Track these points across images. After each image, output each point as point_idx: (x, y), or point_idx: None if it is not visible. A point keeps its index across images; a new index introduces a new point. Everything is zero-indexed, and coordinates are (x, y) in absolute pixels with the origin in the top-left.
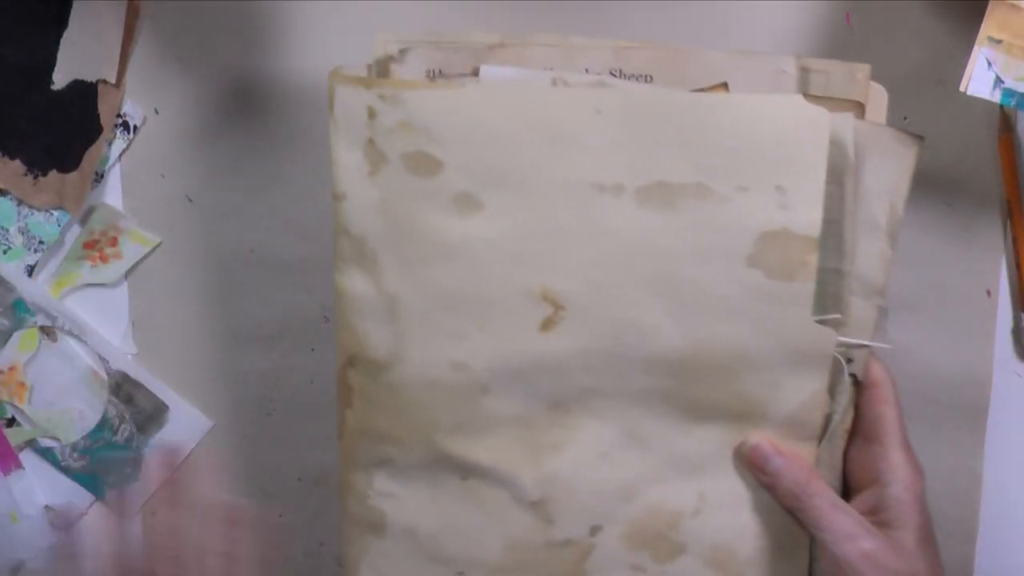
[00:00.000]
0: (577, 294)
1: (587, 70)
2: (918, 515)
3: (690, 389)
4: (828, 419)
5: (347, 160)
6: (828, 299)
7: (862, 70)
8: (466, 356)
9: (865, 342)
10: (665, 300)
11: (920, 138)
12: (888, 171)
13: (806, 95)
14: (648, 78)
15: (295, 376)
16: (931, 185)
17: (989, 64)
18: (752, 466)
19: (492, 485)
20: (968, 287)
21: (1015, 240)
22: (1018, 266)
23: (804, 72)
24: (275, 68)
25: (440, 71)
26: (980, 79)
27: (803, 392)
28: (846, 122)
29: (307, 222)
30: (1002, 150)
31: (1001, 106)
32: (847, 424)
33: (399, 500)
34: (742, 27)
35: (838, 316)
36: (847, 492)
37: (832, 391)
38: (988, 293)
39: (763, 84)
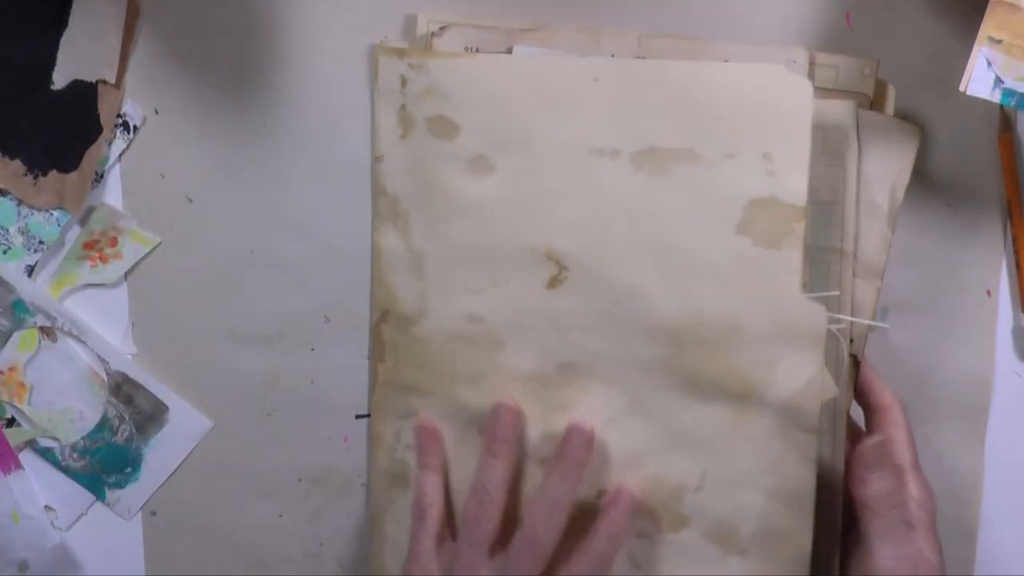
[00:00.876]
0: (578, 254)
1: (612, 55)
2: (932, 535)
3: (689, 361)
4: (834, 402)
5: (384, 124)
6: (830, 279)
7: (869, 65)
8: (482, 310)
9: (865, 321)
10: (659, 265)
11: (920, 127)
12: (890, 157)
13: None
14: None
15: (295, 376)
16: (931, 185)
17: (989, 64)
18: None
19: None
20: (968, 287)
21: (1015, 240)
22: (1018, 266)
23: (814, 65)
24: (275, 68)
25: (477, 49)
26: (980, 79)
27: (800, 376)
28: (848, 108)
29: (307, 222)
30: (1002, 150)
31: (1001, 106)
32: (847, 403)
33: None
34: (742, 27)
35: (836, 293)
36: (860, 513)
37: (833, 371)
38: (988, 293)
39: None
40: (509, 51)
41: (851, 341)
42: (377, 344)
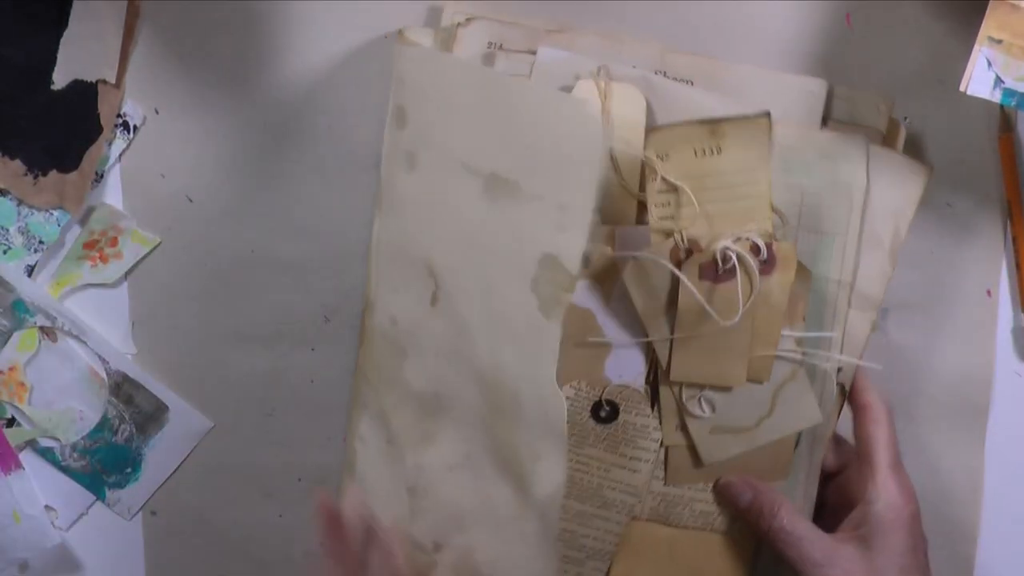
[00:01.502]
0: (445, 274)
1: (634, 66)
2: (900, 537)
3: (494, 424)
4: (814, 428)
5: (391, 111)
6: (825, 308)
7: (885, 103)
8: (396, 311)
9: (855, 360)
10: (485, 305)
11: (930, 167)
12: (896, 194)
13: (831, 120)
14: (689, 82)
15: (295, 376)
16: (931, 185)
17: (989, 64)
18: (727, 500)
19: (395, 457)
20: (968, 287)
21: (1015, 240)
22: (1018, 266)
23: (831, 97)
24: (275, 68)
25: (501, 45)
26: (980, 79)
27: (552, 481)
28: (859, 143)
29: (307, 222)
30: (1002, 150)
31: (1001, 106)
32: (830, 432)
33: (367, 447)
34: (742, 27)
35: (831, 335)
36: (844, 511)
37: (819, 398)
38: (988, 293)
39: (790, 103)
40: (532, 52)
41: (839, 370)
42: (361, 331)
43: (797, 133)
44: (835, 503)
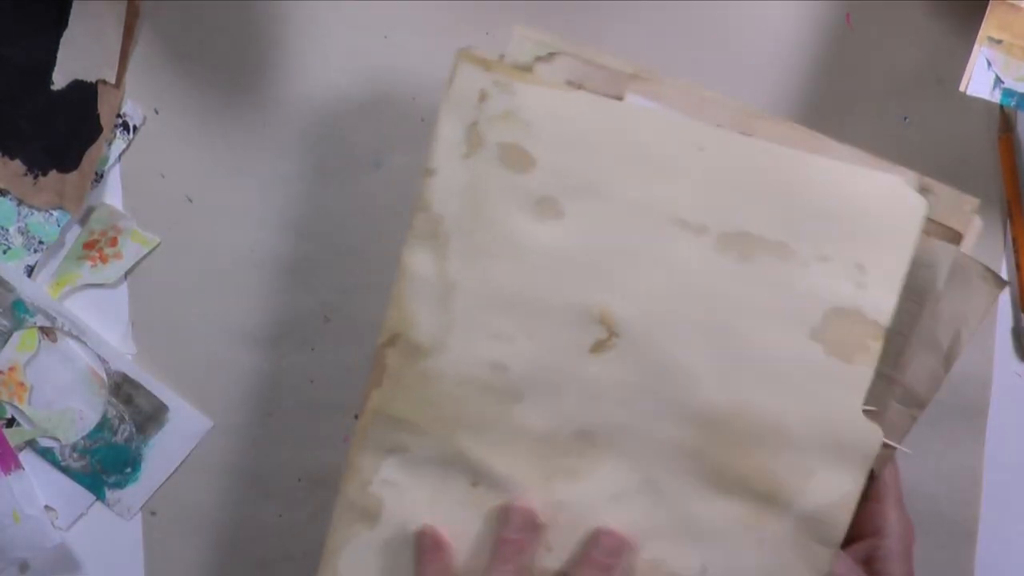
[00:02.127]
0: (634, 323)
1: (719, 125)
2: (907, 568)
3: (719, 452)
4: None
5: (449, 137)
6: (870, 398)
7: (971, 203)
8: (507, 359)
9: (891, 443)
10: (718, 351)
11: (1004, 282)
12: (965, 303)
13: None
14: None
15: (295, 376)
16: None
17: (989, 64)
18: None
19: (500, 496)
20: None
21: (1015, 240)
22: (1018, 266)
23: (923, 191)
24: (275, 68)
25: (581, 85)
26: (980, 79)
27: (835, 491)
28: (947, 252)
29: (307, 222)
30: (1002, 150)
31: (1001, 106)
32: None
33: (400, 491)
34: (742, 27)
35: (873, 408)
36: (843, 541)
37: None
38: None
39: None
40: (619, 97)
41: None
42: (377, 367)
43: None
44: None
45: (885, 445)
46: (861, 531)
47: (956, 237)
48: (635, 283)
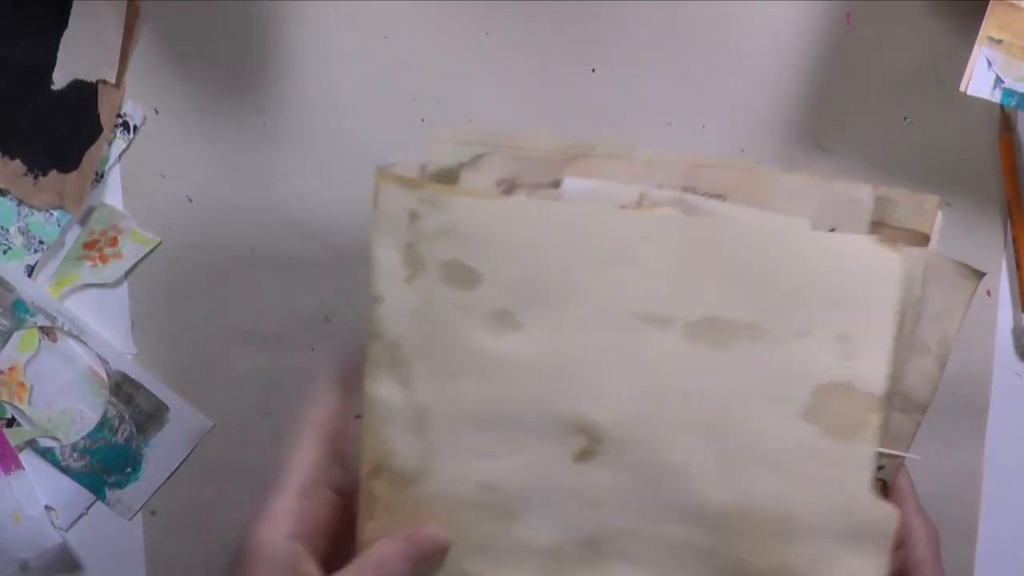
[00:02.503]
0: (615, 428)
1: (661, 185)
2: (938, 570)
3: (731, 550)
4: None
5: (386, 262)
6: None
7: (931, 201)
8: (496, 478)
9: (900, 453)
10: (710, 445)
11: (981, 273)
12: (944, 300)
13: (880, 236)
14: (721, 197)
15: (295, 376)
16: (931, 185)
17: (989, 64)
18: None
19: None
20: None
21: (1015, 240)
22: (1018, 266)
23: (880, 201)
24: (275, 68)
25: (515, 182)
26: (980, 79)
27: (864, 572)
28: (918, 260)
29: (307, 222)
30: (1002, 150)
31: (1001, 106)
32: None
33: None
34: (742, 27)
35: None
36: None
37: None
38: (988, 293)
39: (838, 213)
40: (555, 184)
41: (881, 467)
42: (367, 500)
43: None
44: None
45: (893, 456)
46: None
47: (923, 240)
48: (607, 387)
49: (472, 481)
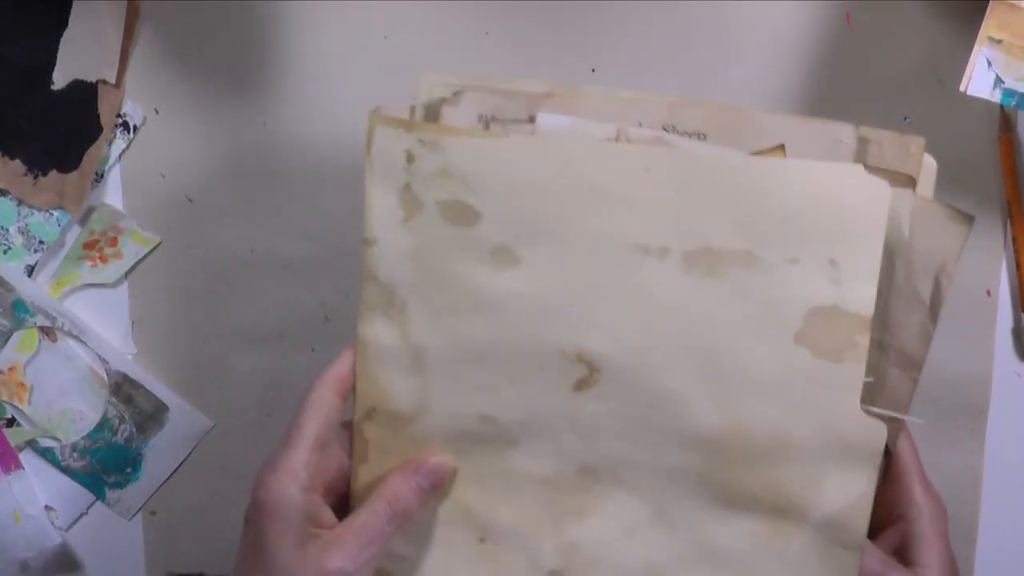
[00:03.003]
0: (613, 358)
1: (640, 124)
2: (944, 551)
3: (726, 473)
4: None
5: (381, 204)
6: (867, 370)
7: (916, 143)
8: (495, 410)
9: (900, 415)
10: (705, 372)
11: (971, 217)
12: (937, 248)
13: (866, 166)
14: (702, 136)
15: (295, 376)
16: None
17: (989, 64)
18: None
19: (510, 548)
20: (968, 287)
21: (1015, 240)
22: (1018, 266)
23: (862, 142)
24: (275, 68)
25: (493, 116)
26: (980, 79)
27: (849, 493)
28: (904, 199)
29: (307, 222)
30: (1002, 150)
31: (1001, 106)
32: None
33: (411, 564)
34: (742, 27)
35: (870, 379)
36: (870, 531)
37: None
38: (988, 293)
39: (819, 152)
40: (531, 119)
41: None
42: (359, 444)
43: None
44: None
45: (892, 418)
46: (888, 516)
47: (909, 181)
48: (606, 317)
49: (471, 415)
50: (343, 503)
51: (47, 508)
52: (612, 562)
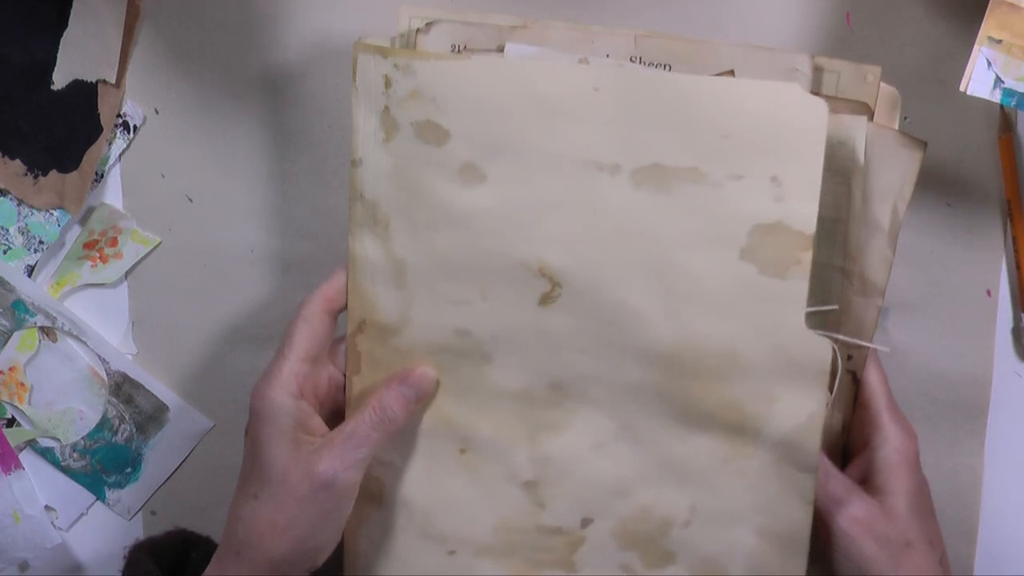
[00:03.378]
0: (573, 272)
1: (608, 55)
2: (909, 479)
3: (683, 389)
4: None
5: (365, 127)
6: (831, 297)
7: (872, 72)
8: (469, 324)
9: (864, 343)
10: (657, 287)
11: (924, 143)
12: (893, 174)
13: (820, 94)
14: (667, 67)
15: None
16: (931, 185)
17: (989, 64)
18: None
19: (488, 459)
20: (968, 287)
21: (1015, 240)
22: (1018, 266)
23: (818, 71)
24: (275, 68)
25: (465, 46)
26: (980, 79)
27: (800, 413)
28: (859, 124)
29: (307, 222)
30: (1002, 150)
31: (1001, 106)
32: (841, 421)
33: (397, 470)
34: (742, 27)
35: (835, 307)
36: (843, 458)
37: (831, 388)
38: (988, 293)
39: (776, 79)
40: (500, 49)
41: (849, 358)
42: (352, 356)
43: None
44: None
45: (858, 345)
46: (855, 444)
47: (864, 109)
48: (564, 232)
49: (448, 328)
50: (335, 416)
51: (47, 508)
52: (582, 475)
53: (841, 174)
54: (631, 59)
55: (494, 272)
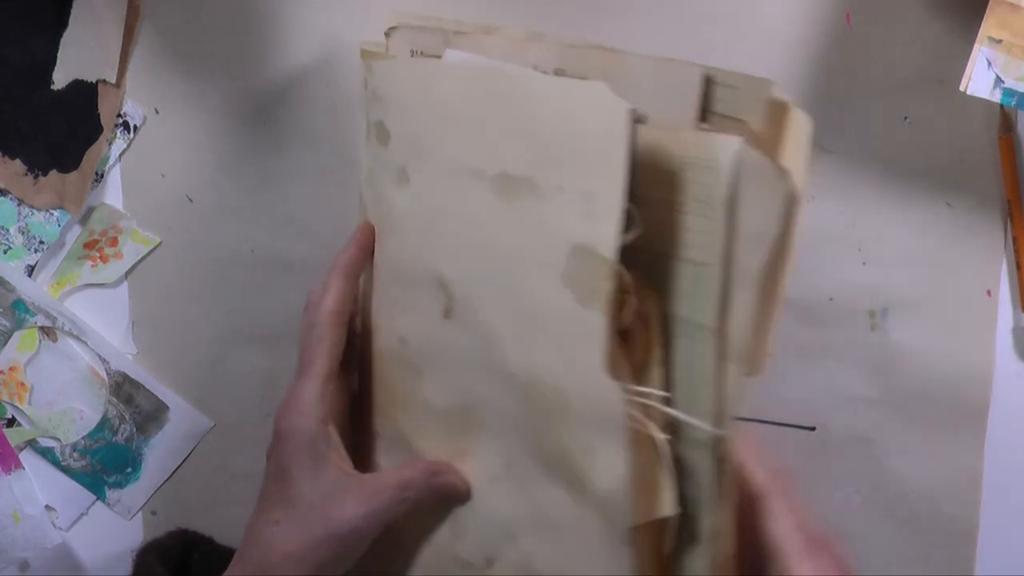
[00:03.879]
0: (459, 285)
1: (535, 66)
2: (791, 519)
3: (537, 426)
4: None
5: (360, 129)
6: (696, 361)
7: (763, 87)
8: (407, 332)
9: (704, 424)
10: (508, 308)
11: (794, 187)
12: (765, 213)
13: (711, 112)
14: (583, 79)
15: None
16: (931, 185)
17: (989, 64)
18: None
19: None
20: (968, 287)
21: (1015, 240)
22: (1018, 266)
23: (710, 84)
24: (275, 68)
25: (422, 51)
26: (980, 79)
27: (614, 473)
28: (727, 147)
29: (307, 222)
30: (1002, 150)
31: (1001, 106)
32: (723, 524)
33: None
34: (742, 27)
35: (666, 394)
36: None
37: (697, 482)
38: (988, 293)
39: (669, 95)
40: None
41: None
42: (364, 361)
43: (657, 136)
44: None
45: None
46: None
47: (742, 129)
48: (454, 242)
49: (395, 334)
50: (350, 424)
51: (47, 508)
52: (483, 510)
53: (704, 204)
54: (556, 71)
55: (415, 280)
